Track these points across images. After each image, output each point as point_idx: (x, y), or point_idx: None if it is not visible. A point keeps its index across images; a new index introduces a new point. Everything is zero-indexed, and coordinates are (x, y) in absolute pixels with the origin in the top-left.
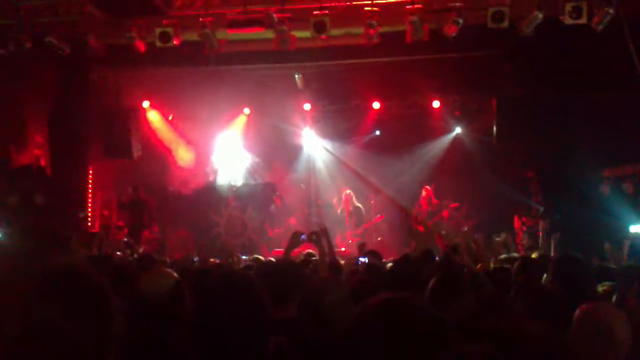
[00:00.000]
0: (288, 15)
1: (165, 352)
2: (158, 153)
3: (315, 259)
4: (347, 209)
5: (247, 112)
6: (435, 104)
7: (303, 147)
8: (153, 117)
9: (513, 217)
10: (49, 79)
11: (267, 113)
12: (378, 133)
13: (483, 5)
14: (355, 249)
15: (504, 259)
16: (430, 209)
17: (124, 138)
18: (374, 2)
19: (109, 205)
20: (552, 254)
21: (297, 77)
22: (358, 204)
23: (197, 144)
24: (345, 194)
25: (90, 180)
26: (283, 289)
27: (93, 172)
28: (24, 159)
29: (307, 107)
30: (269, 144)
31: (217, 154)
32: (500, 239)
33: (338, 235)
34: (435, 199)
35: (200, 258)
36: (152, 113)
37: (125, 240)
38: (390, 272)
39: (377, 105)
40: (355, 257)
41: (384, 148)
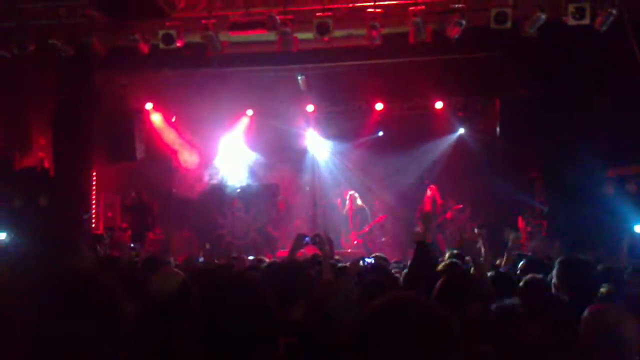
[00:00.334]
0: (291, 17)
1: (174, 351)
2: (161, 155)
3: (321, 261)
4: (351, 210)
5: (250, 113)
6: (438, 105)
7: (306, 148)
8: (156, 119)
9: (517, 218)
10: (53, 82)
11: (270, 114)
12: (381, 134)
13: (486, 7)
14: (361, 250)
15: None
16: (435, 209)
17: (128, 140)
18: (377, 3)
19: (113, 208)
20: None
21: (299, 78)
22: (362, 205)
23: (200, 146)
24: (349, 195)
25: (94, 183)
26: (289, 291)
27: (97, 174)
28: (28, 161)
29: (310, 108)
30: (272, 146)
31: (220, 156)
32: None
33: (343, 236)
34: (440, 199)
35: (205, 259)
36: (155, 115)
37: (132, 246)
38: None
39: (380, 107)
40: (361, 257)
41: (387, 149)
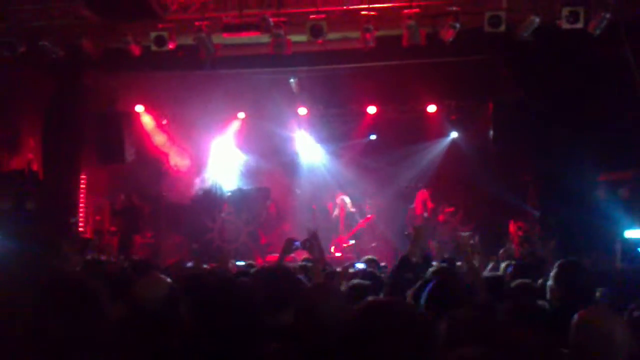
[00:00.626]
0: (284, 20)
1: (160, 356)
2: (152, 158)
3: (311, 266)
4: (342, 214)
5: (242, 116)
6: (432, 109)
7: (298, 151)
8: (147, 121)
9: (509, 221)
10: (43, 83)
11: (262, 117)
12: (374, 137)
13: (480, 10)
14: (350, 254)
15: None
16: (426, 213)
17: (118, 143)
18: (371, 6)
19: (102, 211)
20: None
21: (292, 81)
22: (352, 209)
23: (191, 149)
24: (340, 199)
25: (83, 185)
26: (279, 296)
27: (86, 177)
28: (16, 163)
29: (302, 111)
30: (264, 149)
31: (211, 159)
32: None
33: (333, 241)
34: (431, 203)
35: (194, 264)
36: (146, 117)
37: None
38: (390, 276)
39: (373, 110)
40: (352, 262)
41: (380, 152)
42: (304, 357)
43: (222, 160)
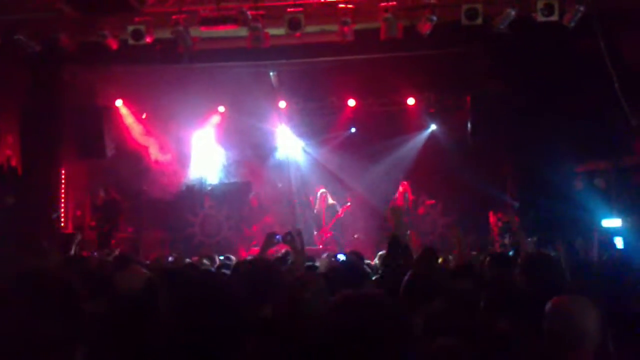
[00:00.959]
0: (262, 13)
1: (141, 348)
2: (132, 152)
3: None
4: (322, 207)
5: (221, 110)
6: (410, 101)
7: (279, 145)
8: (126, 115)
9: (488, 213)
10: (20, 78)
11: (242, 111)
12: (354, 130)
13: (457, 3)
14: (332, 246)
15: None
16: (406, 205)
17: (97, 137)
18: None
19: (82, 206)
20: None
21: (271, 75)
22: (333, 202)
23: (171, 143)
24: (320, 193)
25: (63, 181)
26: (259, 289)
27: (66, 172)
28: None
29: (282, 104)
30: (245, 142)
31: (192, 153)
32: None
33: (315, 233)
34: (412, 195)
35: (175, 258)
36: (125, 112)
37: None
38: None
39: (352, 103)
40: (333, 253)
41: (360, 145)
42: (284, 351)
43: (203, 154)
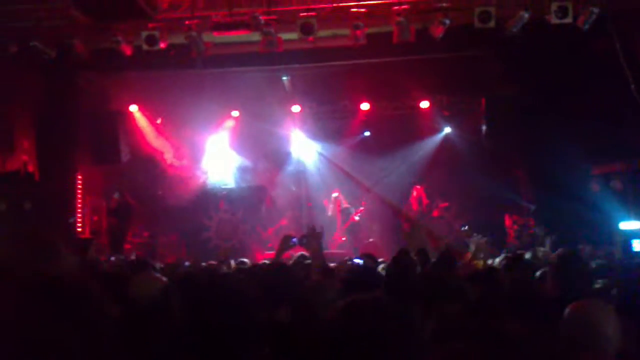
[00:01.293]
0: (274, 18)
1: (155, 353)
2: (147, 157)
3: (308, 262)
4: (337, 211)
5: (235, 114)
6: (424, 105)
7: (292, 149)
8: (141, 121)
9: (504, 216)
10: (36, 84)
11: (255, 116)
12: (367, 134)
13: (469, 6)
14: (347, 250)
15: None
16: (421, 209)
17: (112, 143)
18: (360, 3)
19: (99, 211)
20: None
21: (284, 79)
22: (347, 205)
23: (186, 148)
24: (334, 197)
25: (79, 186)
26: (275, 292)
27: (82, 177)
28: (11, 165)
29: (295, 109)
30: (258, 147)
31: (206, 157)
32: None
33: (329, 236)
34: (426, 199)
35: (192, 262)
36: (140, 117)
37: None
38: (386, 272)
39: (365, 106)
40: (349, 258)
41: (373, 149)
42: (300, 353)
43: (217, 159)
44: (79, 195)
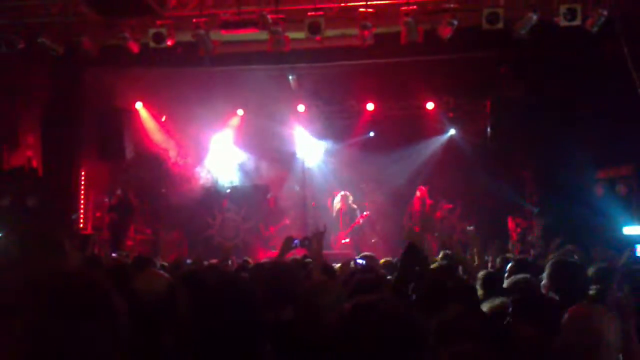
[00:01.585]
0: (282, 16)
1: (159, 352)
2: (151, 155)
3: (309, 262)
4: (342, 210)
5: (240, 113)
6: (430, 106)
7: (297, 148)
8: (146, 118)
9: (507, 218)
10: (42, 80)
11: (261, 114)
12: (372, 134)
13: (478, 7)
14: (350, 250)
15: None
16: (424, 210)
17: (117, 139)
18: (368, 3)
19: (101, 207)
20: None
21: (291, 78)
22: (353, 205)
23: (190, 146)
24: (341, 195)
25: (83, 182)
26: (278, 292)
27: (85, 173)
28: (16, 161)
29: (301, 108)
30: (263, 145)
31: (211, 156)
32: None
33: (332, 237)
34: (430, 200)
35: (194, 260)
36: (145, 114)
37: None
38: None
39: (371, 107)
40: (351, 258)
41: (378, 149)
42: (302, 353)
43: (221, 157)
44: (82, 192)
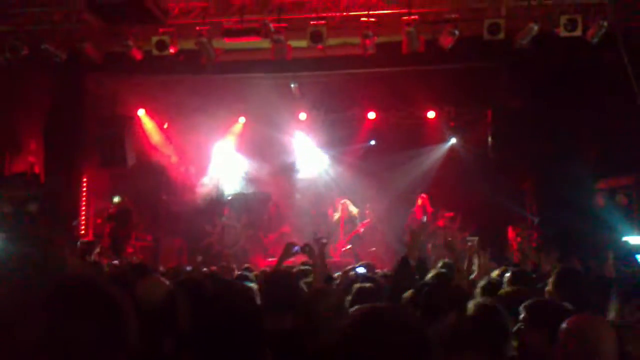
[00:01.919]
0: (285, 25)
1: (160, 358)
2: (153, 162)
3: (309, 270)
4: (342, 217)
5: (242, 121)
6: (431, 115)
7: (298, 156)
8: (148, 125)
9: (507, 227)
10: (45, 87)
11: (262, 122)
12: (373, 143)
13: (479, 17)
14: (349, 258)
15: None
16: (425, 217)
17: (119, 146)
18: (370, 12)
19: (102, 214)
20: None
21: (293, 86)
22: (354, 213)
23: (192, 153)
24: (342, 203)
25: (85, 189)
26: (279, 300)
27: (87, 180)
28: (18, 167)
29: (302, 116)
30: (265, 153)
31: (212, 163)
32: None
33: (331, 245)
34: (431, 208)
35: (193, 267)
36: (147, 121)
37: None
38: (392, 280)
39: (372, 115)
40: (351, 267)
41: (379, 157)
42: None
43: (223, 165)
44: (84, 198)
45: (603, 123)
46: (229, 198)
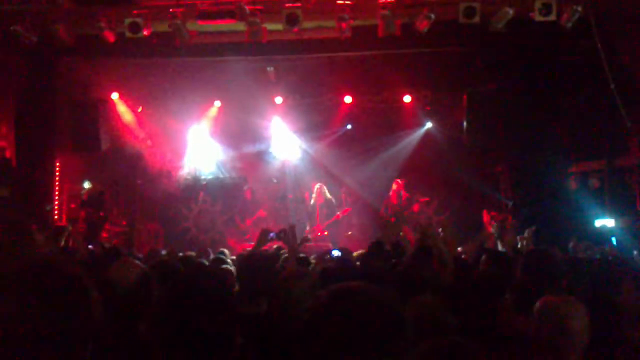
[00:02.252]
0: (260, 7)
1: (133, 341)
2: (127, 146)
3: (285, 255)
4: (318, 202)
5: (218, 104)
6: (407, 99)
7: (274, 140)
8: (122, 109)
9: (482, 211)
10: (16, 69)
11: (238, 106)
12: (349, 127)
13: (454, 1)
14: (326, 242)
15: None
16: (400, 203)
17: (92, 130)
18: None
19: (76, 199)
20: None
21: (269, 70)
22: (330, 196)
23: (167, 137)
24: (318, 187)
25: (57, 173)
26: (254, 284)
27: (60, 164)
28: None
29: (278, 100)
30: (240, 137)
31: (188, 147)
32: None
33: (308, 229)
34: (406, 193)
35: (168, 251)
36: (121, 105)
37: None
38: (361, 261)
39: (348, 99)
40: (327, 250)
41: (355, 142)
42: (275, 347)
43: (198, 149)
44: (57, 183)
45: (576, 107)
46: (205, 183)
